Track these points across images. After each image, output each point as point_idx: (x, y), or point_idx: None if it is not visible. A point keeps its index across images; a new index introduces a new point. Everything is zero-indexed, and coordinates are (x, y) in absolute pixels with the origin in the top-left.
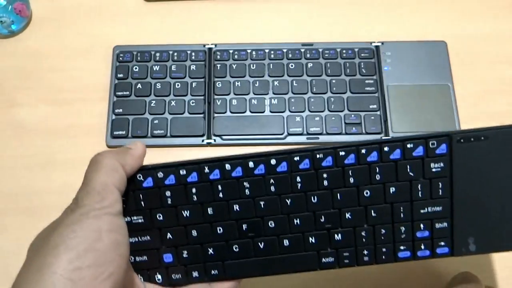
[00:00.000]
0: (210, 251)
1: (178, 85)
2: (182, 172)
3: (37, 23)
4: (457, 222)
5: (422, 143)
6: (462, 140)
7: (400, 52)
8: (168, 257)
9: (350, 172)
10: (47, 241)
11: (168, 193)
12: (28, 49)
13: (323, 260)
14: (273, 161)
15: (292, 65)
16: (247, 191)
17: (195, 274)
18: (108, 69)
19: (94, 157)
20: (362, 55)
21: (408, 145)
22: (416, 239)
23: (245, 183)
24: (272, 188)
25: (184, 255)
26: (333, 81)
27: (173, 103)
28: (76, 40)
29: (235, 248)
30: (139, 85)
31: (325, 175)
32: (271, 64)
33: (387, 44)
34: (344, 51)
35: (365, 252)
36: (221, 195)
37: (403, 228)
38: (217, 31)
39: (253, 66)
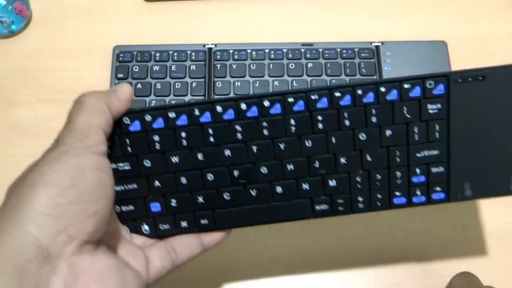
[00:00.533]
0: (200, 199)
1: (178, 85)
2: (171, 114)
3: (37, 23)
4: (454, 167)
5: (419, 83)
6: (460, 80)
7: (400, 52)
8: (155, 206)
9: (345, 114)
10: (24, 180)
11: (156, 138)
12: (28, 49)
13: (317, 207)
14: (266, 103)
15: (292, 65)
16: (239, 135)
17: (183, 224)
18: (108, 69)
19: (78, 97)
20: (362, 55)
21: (405, 86)
22: (412, 185)
23: (237, 126)
24: (265, 132)
25: (173, 204)
26: (333, 81)
27: (173, 103)
28: (76, 40)
29: (226, 196)
30: (139, 85)
31: (320, 118)
32: (271, 64)
33: (387, 44)
34: (344, 51)
35: (360, 199)
36: (212, 139)
37: (398, 173)
38: (217, 31)
39: (253, 66)
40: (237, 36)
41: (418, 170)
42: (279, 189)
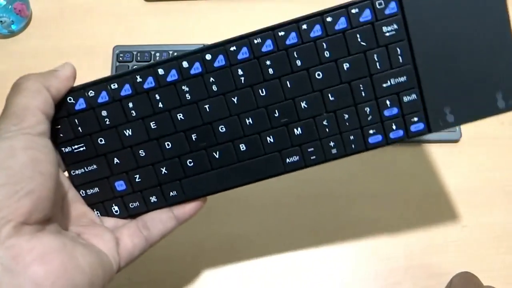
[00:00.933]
0: (164, 170)
1: None
2: (114, 86)
3: (37, 23)
4: (427, 92)
5: (368, 5)
6: None
7: None
8: (120, 185)
9: (295, 53)
10: None
11: (104, 113)
12: (28, 49)
13: (287, 160)
14: (208, 56)
15: None
16: (187, 96)
17: (153, 199)
18: (108, 69)
19: (15, 81)
20: None
21: (353, 11)
22: (385, 119)
23: (183, 87)
24: (214, 87)
25: (137, 180)
26: None
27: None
28: (76, 40)
29: (189, 162)
30: None
31: (268, 62)
32: None
33: None
34: None
35: (331, 143)
36: (160, 105)
37: (367, 109)
38: (217, 31)
39: None
40: None
41: (388, 102)
42: (242, 147)
